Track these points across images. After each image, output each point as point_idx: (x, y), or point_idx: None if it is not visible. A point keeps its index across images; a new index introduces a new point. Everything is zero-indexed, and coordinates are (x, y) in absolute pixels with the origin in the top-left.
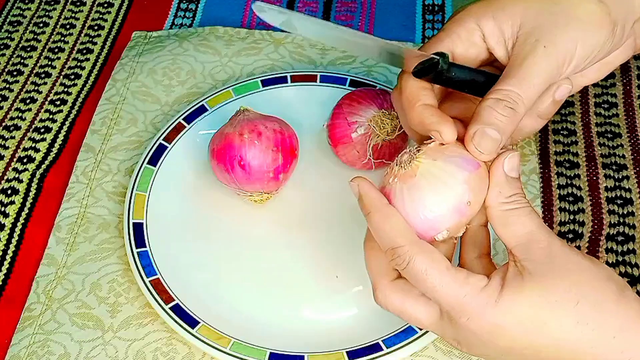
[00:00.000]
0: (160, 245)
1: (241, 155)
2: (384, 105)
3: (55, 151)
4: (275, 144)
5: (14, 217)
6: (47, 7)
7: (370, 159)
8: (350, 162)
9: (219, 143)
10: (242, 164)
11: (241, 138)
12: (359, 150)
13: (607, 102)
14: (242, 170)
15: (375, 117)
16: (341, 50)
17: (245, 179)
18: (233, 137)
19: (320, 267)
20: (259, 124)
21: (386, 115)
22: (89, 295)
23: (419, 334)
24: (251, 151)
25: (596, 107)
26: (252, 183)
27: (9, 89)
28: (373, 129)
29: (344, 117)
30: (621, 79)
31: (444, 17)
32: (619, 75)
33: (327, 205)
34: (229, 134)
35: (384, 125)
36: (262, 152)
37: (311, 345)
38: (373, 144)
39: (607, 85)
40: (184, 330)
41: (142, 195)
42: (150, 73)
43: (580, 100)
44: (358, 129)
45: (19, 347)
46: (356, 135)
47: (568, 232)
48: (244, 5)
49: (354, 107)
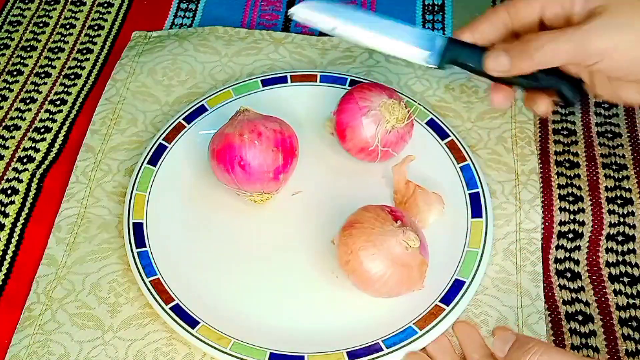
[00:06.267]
0: (160, 245)
1: (241, 156)
2: (393, 95)
3: (55, 151)
4: (275, 144)
5: (14, 217)
6: (47, 7)
7: (378, 146)
8: (355, 148)
9: (219, 143)
10: (242, 164)
11: (241, 138)
12: (367, 135)
13: (607, 102)
14: (242, 170)
15: (387, 103)
16: (341, 50)
17: (246, 179)
18: (233, 137)
19: (320, 267)
20: (259, 124)
21: (397, 104)
22: (89, 295)
23: (419, 334)
24: (251, 151)
25: (596, 107)
26: (252, 183)
27: (9, 89)
28: (383, 115)
29: (355, 101)
30: None
31: (444, 17)
32: None
33: (327, 205)
34: (229, 134)
35: (394, 112)
36: (262, 152)
37: (311, 345)
38: (384, 128)
39: None
40: (184, 331)
41: (142, 195)
42: (150, 73)
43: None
44: (369, 113)
45: (19, 347)
46: (366, 119)
47: (568, 232)
48: (244, 5)
49: (365, 93)
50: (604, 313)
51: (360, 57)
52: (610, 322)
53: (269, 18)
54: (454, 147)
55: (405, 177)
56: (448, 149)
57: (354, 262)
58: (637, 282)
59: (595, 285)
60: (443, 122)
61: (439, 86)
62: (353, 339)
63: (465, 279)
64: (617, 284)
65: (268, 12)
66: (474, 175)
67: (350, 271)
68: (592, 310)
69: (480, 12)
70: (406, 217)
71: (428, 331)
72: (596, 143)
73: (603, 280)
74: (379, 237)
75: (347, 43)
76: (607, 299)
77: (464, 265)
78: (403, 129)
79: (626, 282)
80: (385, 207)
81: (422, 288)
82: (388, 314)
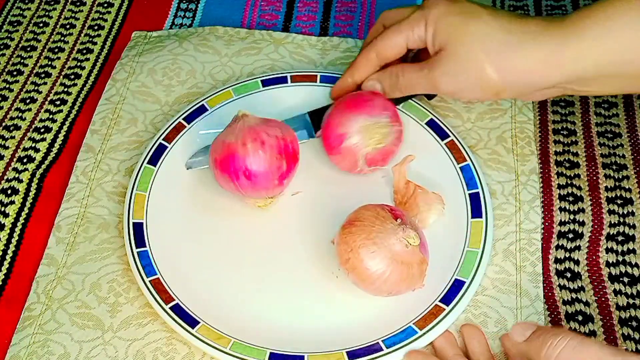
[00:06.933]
0: (160, 245)
1: (246, 166)
2: (373, 111)
3: (55, 151)
4: (278, 152)
5: (14, 217)
6: (47, 7)
7: (364, 167)
8: (345, 169)
9: (222, 153)
10: (247, 174)
11: (244, 148)
12: (351, 160)
13: (607, 102)
14: (248, 180)
15: (365, 127)
16: (341, 50)
17: (251, 188)
18: (236, 147)
19: (320, 267)
20: (261, 131)
21: (376, 125)
22: (89, 295)
23: (419, 334)
24: (256, 161)
25: (596, 107)
26: (258, 191)
27: (9, 89)
28: (362, 140)
29: (334, 128)
30: None
31: None
32: None
33: (327, 205)
34: (231, 143)
35: (373, 135)
36: (266, 161)
37: (311, 345)
38: (364, 153)
39: None
40: (183, 330)
41: (142, 195)
42: (150, 73)
43: (580, 100)
44: (347, 140)
45: (19, 347)
46: (346, 146)
47: (568, 232)
48: (244, 5)
49: (343, 116)
50: (604, 313)
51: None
52: (610, 322)
53: (269, 18)
54: (453, 147)
55: (405, 177)
56: (448, 149)
57: (354, 260)
58: (637, 282)
59: (595, 285)
60: (443, 122)
61: None
62: (353, 338)
63: (465, 279)
64: (617, 284)
65: (268, 12)
66: (474, 176)
67: (351, 269)
68: (592, 310)
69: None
70: (406, 216)
71: (428, 331)
72: (596, 143)
73: (603, 280)
74: (379, 234)
75: (347, 43)
76: (607, 299)
77: (464, 265)
78: (389, 145)
79: (626, 282)
80: (385, 206)
81: (422, 287)
82: (388, 313)
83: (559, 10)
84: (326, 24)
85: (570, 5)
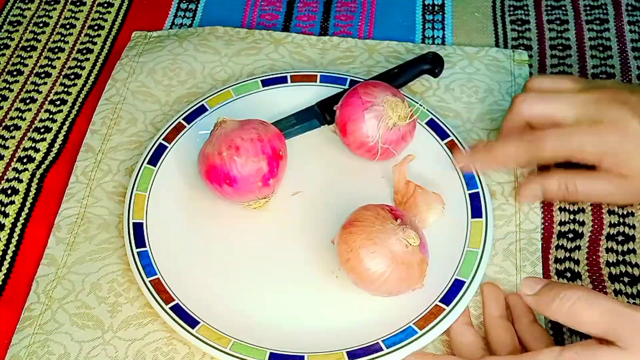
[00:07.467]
0: (160, 245)
1: (224, 174)
2: (397, 95)
3: (55, 151)
4: (254, 154)
5: (14, 217)
6: (47, 7)
7: (378, 142)
8: (355, 143)
9: (204, 164)
10: (228, 182)
11: (221, 157)
12: (368, 130)
13: None
14: (230, 187)
15: (390, 100)
16: (341, 50)
17: (236, 194)
18: (214, 157)
19: (320, 267)
20: (236, 137)
21: (399, 101)
22: (89, 295)
23: (419, 334)
24: (233, 168)
25: None
26: (243, 195)
27: (9, 89)
28: (386, 111)
29: (359, 95)
30: (621, 79)
31: (444, 17)
32: (619, 76)
33: (327, 205)
34: (210, 154)
35: (397, 109)
36: (243, 165)
37: (311, 345)
38: (384, 126)
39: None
40: (184, 330)
41: (142, 195)
42: (150, 73)
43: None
44: (372, 108)
45: (19, 347)
46: (368, 113)
47: (568, 232)
48: (244, 5)
49: (369, 89)
50: None
51: (361, 57)
52: None
53: (269, 18)
54: (454, 147)
55: (405, 177)
56: (448, 149)
57: (354, 260)
58: (637, 282)
59: (595, 285)
60: (443, 122)
61: (439, 86)
62: (353, 338)
63: (466, 279)
64: (617, 284)
65: (268, 12)
66: (474, 175)
67: (351, 269)
68: None
69: (480, 12)
70: (406, 217)
71: (428, 331)
72: None
73: (603, 280)
74: (379, 235)
75: (347, 43)
76: None
77: (464, 265)
78: (405, 128)
79: (626, 282)
80: (385, 206)
81: (422, 287)
82: (388, 313)
83: (559, 10)
84: (326, 24)
85: (570, 5)
